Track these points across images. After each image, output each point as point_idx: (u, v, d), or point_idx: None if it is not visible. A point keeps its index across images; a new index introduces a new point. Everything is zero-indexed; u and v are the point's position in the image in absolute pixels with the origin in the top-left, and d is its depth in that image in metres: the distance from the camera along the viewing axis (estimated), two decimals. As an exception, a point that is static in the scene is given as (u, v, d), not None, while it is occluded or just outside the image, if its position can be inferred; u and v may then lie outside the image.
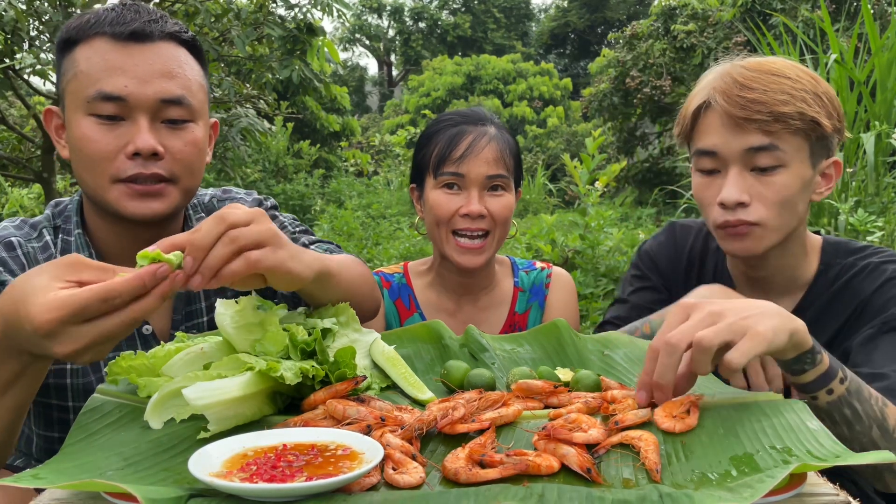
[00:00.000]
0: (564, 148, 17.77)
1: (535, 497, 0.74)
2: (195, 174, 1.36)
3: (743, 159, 1.31)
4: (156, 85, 1.27)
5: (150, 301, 0.86)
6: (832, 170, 1.38)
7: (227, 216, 0.95)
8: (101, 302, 0.83)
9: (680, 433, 0.90)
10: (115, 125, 1.26)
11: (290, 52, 5.91)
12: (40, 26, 5.24)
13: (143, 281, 0.85)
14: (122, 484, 0.73)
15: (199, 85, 1.36)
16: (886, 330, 1.29)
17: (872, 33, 5.57)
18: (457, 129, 1.69)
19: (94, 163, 1.27)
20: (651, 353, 0.97)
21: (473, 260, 1.67)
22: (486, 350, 1.25)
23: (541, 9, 40.69)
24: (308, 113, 13.79)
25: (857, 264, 1.39)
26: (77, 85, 1.27)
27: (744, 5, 10.81)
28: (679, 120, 1.44)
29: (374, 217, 9.61)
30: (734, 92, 1.29)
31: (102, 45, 1.27)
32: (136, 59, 1.26)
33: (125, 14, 1.29)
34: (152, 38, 1.28)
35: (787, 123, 1.27)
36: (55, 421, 1.35)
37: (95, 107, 1.25)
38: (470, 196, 1.65)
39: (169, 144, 1.29)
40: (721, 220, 1.34)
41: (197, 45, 1.37)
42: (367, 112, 32.60)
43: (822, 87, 1.31)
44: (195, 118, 1.33)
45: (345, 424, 0.94)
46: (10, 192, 8.58)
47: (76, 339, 0.84)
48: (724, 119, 1.31)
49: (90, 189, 1.31)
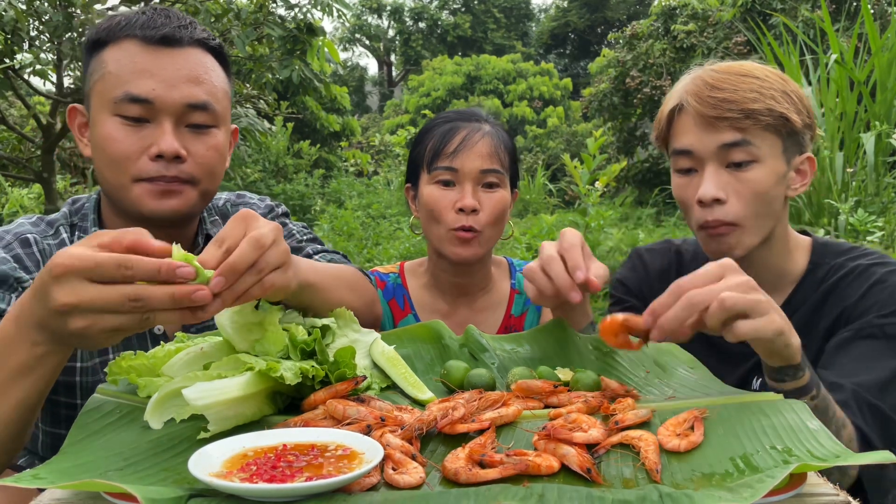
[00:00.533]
0: (564, 148, 17.76)
1: (535, 497, 0.74)
2: (215, 178, 1.38)
3: (718, 156, 1.35)
4: (183, 90, 1.28)
5: (160, 294, 0.86)
6: (806, 166, 1.41)
7: (261, 240, 0.95)
8: (116, 266, 0.84)
9: (685, 451, 0.88)
10: (140, 127, 1.28)
11: (290, 52, 5.91)
12: (40, 26, 5.25)
13: (160, 268, 0.85)
14: (122, 484, 0.73)
15: (224, 92, 1.38)
16: (862, 336, 1.29)
17: (872, 33, 5.57)
18: (451, 125, 1.69)
19: (116, 162, 1.28)
20: (675, 290, 0.98)
21: (467, 250, 1.65)
22: (486, 350, 1.25)
23: (541, 9, 40.69)
24: (308, 113, 13.80)
25: (846, 265, 1.40)
26: (104, 85, 1.28)
27: (744, 5, 10.81)
28: (655, 124, 1.49)
29: (374, 217, 9.61)
30: (705, 93, 1.34)
31: (132, 48, 1.28)
32: (165, 62, 1.28)
33: (156, 18, 1.30)
34: (181, 43, 1.30)
35: (758, 119, 1.31)
36: (62, 418, 1.35)
37: (122, 108, 1.27)
38: (464, 190, 1.64)
39: (191, 148, 1.31)
40: (701, 220, 1.37)
41: (223, 53, 1.40)
42: (367, 112, 32.60)
43: (791, 86, 1.36)
44: (218, 124, 1.35)
45: (345, 424, 0.93)
46: (10, 192, 8.59)
47: (79, 292, 0.84)
48: (696, 119, 1.36)
49: (111, 188, 1.32)
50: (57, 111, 6.23)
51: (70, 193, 8.71)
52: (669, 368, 1.17)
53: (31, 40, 5.32)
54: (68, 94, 6.07)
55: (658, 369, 1.17)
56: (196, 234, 1.49)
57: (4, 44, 4.85)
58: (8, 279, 1.26)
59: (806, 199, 5.32)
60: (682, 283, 0.99)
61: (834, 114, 5.64)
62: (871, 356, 1.26)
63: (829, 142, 5.48)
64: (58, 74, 6.07)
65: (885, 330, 1.28)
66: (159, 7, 1.36)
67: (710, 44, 11.40)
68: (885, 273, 1.35)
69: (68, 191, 8.70)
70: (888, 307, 1.30)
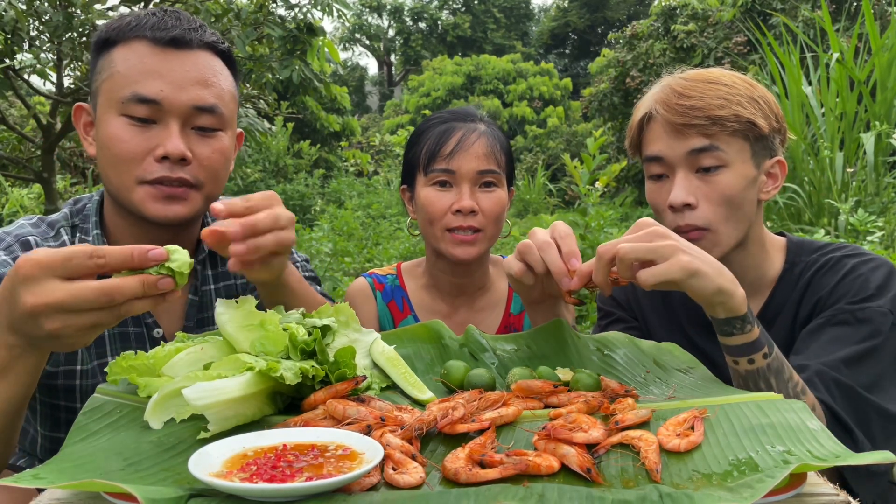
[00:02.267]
0: (564, 148, 17.77)
1: (535, 497, 0.74)
2: (219, 182, 1.38)
3: (687, 162, 1.37)
4: (191, 92, 1.29)
5: (130, 283, 0.87)
6: (777, 169, 1.44)
7: (281, 217, 1.08)
8: (88, 256, 0.84)
9: (686, 451, 0.88)
10: (147, 127, 1.28)
11: (290, 52, 5.91)
12: (40, 26, 5.25)
13: (132, 253, 0.87)
14: (122, 484, 0.73)
15: (231, 95, 1.38)
16: (833, 322, 1.32)
17: (873, 33, 5.57)
18: (446, 125, 1.68)
19: (121, 163, 1.28)
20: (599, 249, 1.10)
21: (468, 251, 1.65)
22: (486, 350, 1.25)
23: (541, 9, 40.68)
24: (308, 113, 13.80)
25: (819, 260, 1.43)
26: (112, 84, 1.28)
27: (744, 5, 10.81)
28: (628, 132, 1.52)
29: (374, 217, 9.61)
30: (673, 101, 1.37)
31: (141, 49, 1.28)
32: (174, 64, 1.28)
33: (166, 20, 1.31)
34: (191, 45, 1.30)
35: (724, 126, 1.34)
36: (62, 422, 1.35)
37: (129, 108, 1.27)
38: (461, 192, 1.64)
39: (197, 151, 1.31)
40: (673, 225, 1.39)
41: (231, 57, 1.40)
42: (367, 112, 32.61)
43: (758, 92, 1.39)
44: (224, 127, 1.36)
45: (345, 424, 0.93)
46: (10, 192, 8.58)
47: (48, 292, 0.84)
48: (665, 127, 1.39)
49: (114, 188, 1.32)
50: (57, 111, 6.23)
51: (70, 193, 8.71)
52: (669, 368, 1.17)
53: (31, 40, 5.32)
54: (68, 94, 6.06)
55: (658, 369, 1.17)
56: (199, 235, 1.49)
57: (4, 44, 4.85)
58: None
59: (806, 199, 5.33)
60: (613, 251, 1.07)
61: (834, 114, 5.64)
62: (841, 340, 1.29)
63: (829, 142, 5.48)
64: (58, 74, 6.07)
65: (855, 315, 1.31)
66: (169, 9, 1.36)
67: (710, 44, 11.40)
68: (857, 263, 1.38)
69: (68, 191, 8.69)
70: (860, 294, 1.33)
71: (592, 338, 1.28)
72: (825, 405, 1.18)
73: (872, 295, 1.31)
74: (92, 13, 5.19)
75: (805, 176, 5.43)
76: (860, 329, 1.29)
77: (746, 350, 1.11)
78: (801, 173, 5.45)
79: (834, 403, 1.19)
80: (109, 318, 0.88)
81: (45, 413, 1.37)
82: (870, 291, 1.32)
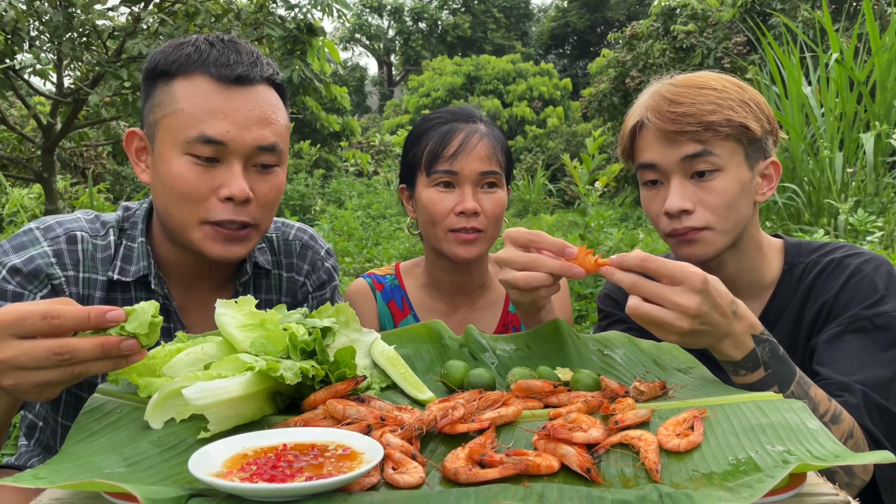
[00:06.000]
0: (564, 148, 17.78)
1: (535, 497, 0.74)
2: (272, 216, 1.41)
3: (682, 168, 1.37)
4: (254, 132, 1.29)
5: (87, 345, 0.88)
6: (771, 170, 1.43)
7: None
8: (41, 317, 0.86)
9: (685, 451, 0.88)
10: (211, 167, 1.28)
11: (290, 53, 5.92)
12: (40, 26, 5.25)
13: (89, 315, 0.88)
14: (122, 484, 0.73)
15: (287, 128, 1.39)
16: (852, 329, 1.31)
17: (873, 33, 5.57)
18: (447, 126, 1.68)
19: (185, 202, 1.29)
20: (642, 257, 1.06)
21: (470, 250, 1.66)
22: (486, 350, 1.25)
23: (541, 9, 40.70)
24: (308, 113, 13.80)
25: (820, 261, 1.42)
26: (175, 122, 1.28)
27: (744, 5, 10.82)
28: (620, 140, 1.51)
29: (374, 217, 9.61)
30: (664, 108, 1.36)
31: (204, 86, 1.28)
32: (237, 103, 1.28)
33: (228, 55, 1.30)
34: (252, 82, 1.31)
35: (717, 131, 1.33)
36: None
37: (194, 147, 1.27)
38: (464, 193, 1.64)
39: (257, 189, 1.32)
40: (669, 228, 1.39)
41: (284, 88, 1.41)
42: (367, 112, 32.62)
43: (749, 94, 1.38)
44: (281, 163, 1.37)
45: (345, 424, 0.94)
46: (11, 192, 8.58)
47: (3, 349, 0.86)
48: (657, 134, 1.38)
49: (175, 224, 1.33)
50: (57, 111, 6.23)
51: (70, 193, 8.71)
52: (669, 368, 1.17)
53: (32, 40, 5.32)
54: (68, 94, 6.07)
55: (657, 369, 1.17)
56: (242, 263, 1.50)
57: (5, 44, 4.85)
58: (39, 274, 1.28)
59: (806, 199, 5.33)
60: (649, 260, 1.05)
61: (833, 114, 5.64)
62: (867, 350, 1.28)
63: (829, 142, 5.48)
64: (58, 74, 6.08)
65: (873, 322, 1.30)
66: (226, 38, 1.35)
67: (709, 44, 11.40)
68: (860, 263, 1.37)
69: (68, 191, 8.70)
70: (870, 297, 1.32)
71: (592, 338, 1.28)
72: (867, 432, 1.17)
73: (883, 297, 1.31)
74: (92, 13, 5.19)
75: (805, 176, 5.43)
76: (881, 336, 1.28)
77: (758, 387, 1.10)
78: (800, 173, 5.45)
79: (877, 431, 1.18)
80: (64, 376, 0.89)
81: (68, 402, 1.41)
82: (879, 293, 1.31)
